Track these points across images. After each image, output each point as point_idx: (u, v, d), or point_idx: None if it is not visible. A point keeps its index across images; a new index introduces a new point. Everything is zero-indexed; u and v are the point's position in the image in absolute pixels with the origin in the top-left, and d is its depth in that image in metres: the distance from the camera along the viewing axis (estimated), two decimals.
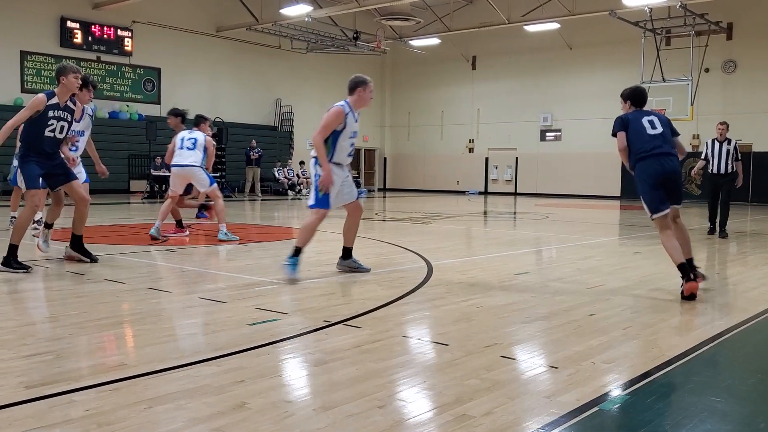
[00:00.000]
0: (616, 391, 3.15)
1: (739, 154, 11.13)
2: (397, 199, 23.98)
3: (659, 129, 5.75)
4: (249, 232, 11.03)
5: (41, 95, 6.28)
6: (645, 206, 5.89)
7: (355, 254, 6.60)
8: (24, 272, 6.06)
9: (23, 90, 20.35)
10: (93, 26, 21.63)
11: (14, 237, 6.22)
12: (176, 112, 9.63)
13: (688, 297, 5.33)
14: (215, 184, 9.32)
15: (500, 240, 10.61)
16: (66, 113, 6.37)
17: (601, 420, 2.82)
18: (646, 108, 6.12)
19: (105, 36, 21.96)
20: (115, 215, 13.75)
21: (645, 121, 5.80)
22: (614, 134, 5.91)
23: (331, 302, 5.32)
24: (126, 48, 22.46)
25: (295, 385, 3.30)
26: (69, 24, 21.13)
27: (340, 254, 6.61)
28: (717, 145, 11.15)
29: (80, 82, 6.49)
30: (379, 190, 31.83)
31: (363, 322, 4.46)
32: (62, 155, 6.65)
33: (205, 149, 9.12)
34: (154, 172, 20.11)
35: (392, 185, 32.45)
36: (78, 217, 6.80)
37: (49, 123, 6.23)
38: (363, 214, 6.70)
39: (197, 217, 11.29)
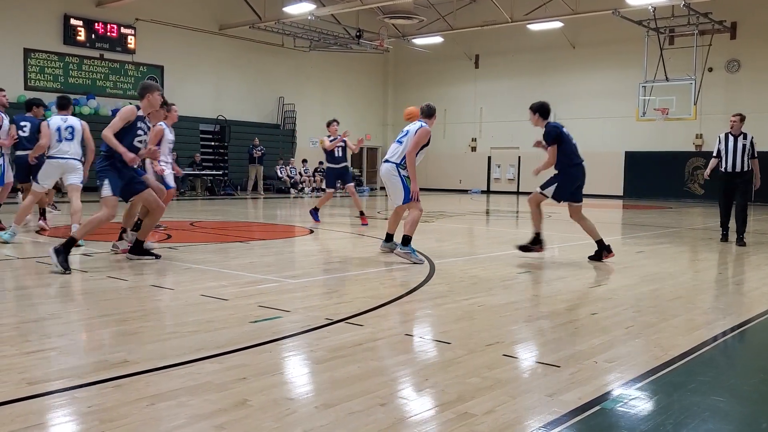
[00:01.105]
0: (618, 390, 3.15)
1: (756, 151, 9.59)
2: None
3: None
4: (251, 230, 11.04)
5: (131, 106, 6.62)
6: (555, 193, 7.42)
7: (362, 250, 6.60)
8: (66, 273, 6.00)
9: (26, 87, 20.37)
10: (96, 24, 21.64)
11: (80, 232, 6.38)
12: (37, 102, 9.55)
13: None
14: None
15: (502, 239, 10.60)
16: (147, 127, 6.73)
17: (603, 419, 2.81)
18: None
19: (108, 34, 21.96)
20: (117, 213, 13.75)
21: (568, 134, 7.82)
22: (553, 143, 7.41)
23: (333, 300, 5.32)
24: (129, 46, 22.47)
25: (297, 382, 3.31)
26: (72, 21, 21.14)
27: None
28: (731, 139, 9.51)
29: (162, 100, 7.01)
30: (381, 188, 31.82)
31: (365, 320, 4.46)
32: (153, 168, 7.13)
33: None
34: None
35: None
36: (149, 223, 6.90)
37: (138, 133, 6.55)
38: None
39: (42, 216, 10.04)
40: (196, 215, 13.17)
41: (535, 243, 7.67)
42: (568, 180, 7.52)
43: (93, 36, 21.64)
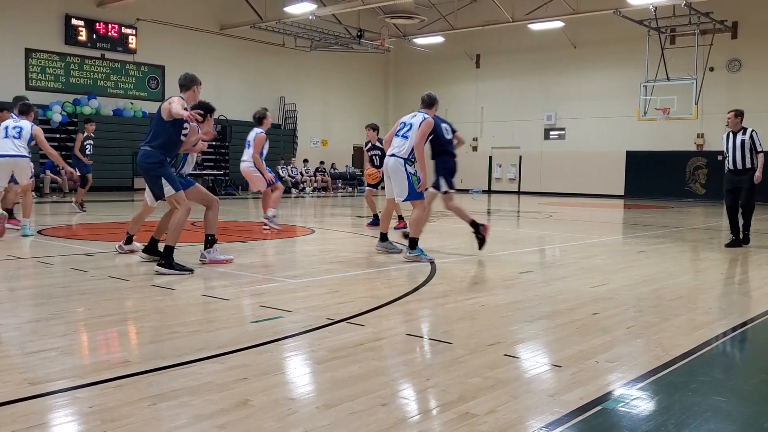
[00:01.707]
0: (619, 390, 3.15)
1: (759, 145, 9.12)
2: None
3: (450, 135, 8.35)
4: (253, 230, 11.04)
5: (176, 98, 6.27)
6: (444, 183, 8.13)
7: (363, 250, 6.60)
8: (189, 273, 6.00)
9: (27, 87, 20.38)
10: (97, 24, 21.65)
11: (171, 239, 6.18)
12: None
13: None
14: (34, 178, 9.10)
15: (504, 238, 10.60)
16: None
17: (605, 419, 2.81)
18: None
19: (109, 34, 21.98)
20: (119, 212, 13.77)
21: (443, 126, 8.23)
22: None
23: (335, 300, 5.32)
24: (130, 46, 22.48)
25: (298, 382, 3.31)
26: (73, 22, 21.15)
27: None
28: (731, 137, 9.22)
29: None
30: (382, 188, 31.80)
31: (366, 320, 4.46)
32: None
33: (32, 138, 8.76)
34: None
35: None
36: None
37: (185, 126, 6.35)
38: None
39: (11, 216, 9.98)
40: (196, 215, 13.18)
41: (477, 227, 8.15)
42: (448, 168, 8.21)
43: (94, 36, 21.65)
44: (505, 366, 3.49)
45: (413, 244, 7.23)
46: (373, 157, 11.03)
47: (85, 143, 13.41)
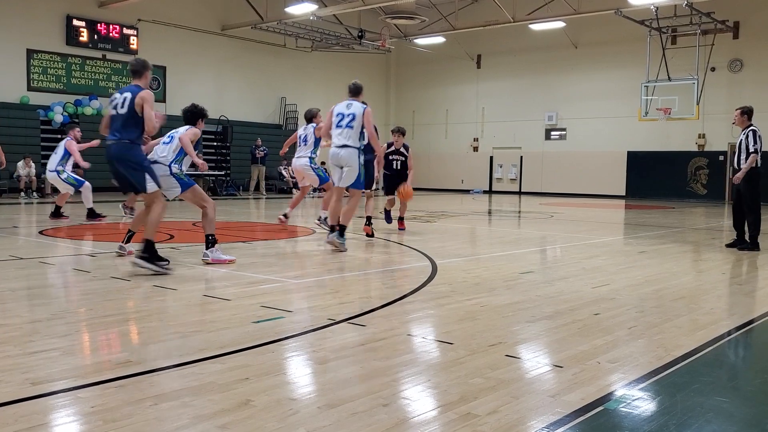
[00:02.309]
0: (621, 391, 3.14)
1: (756, 144, 8.78)
2: None
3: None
4: (254, 230, 11.05)
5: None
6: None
7: (364, 250, 6.59)
8: (167, 271, 6.04)
9: (29, 88, 20.40)
10: (99, 24, 21.66)
11: (149, 233, 6.23)
12: None
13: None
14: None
15: (505, 239, 10.59)
16: None
17: (606, 419, 2.81)
18: None
19: (111, 34, 21.99)
20: (119, 213, 13.77)
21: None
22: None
23: (336, 300, 5.32)
24: (131, 46, 22.49)
25: (299, 382, 3.31)
26: (75, 22, 21.17)
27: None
28: (740, 136, 9.05)
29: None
30: (383, 188, 31.80)
31: (367, 320, 4.46)
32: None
33: None
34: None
35: None
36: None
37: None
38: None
39: None
40: (197, 215, 13.17)
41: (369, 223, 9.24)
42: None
43: (95, 36, 21.66)
44: (506, 366, 3.49)
45: (343, 231, 7.64)
46: (394, 161, 10.60)
47: None
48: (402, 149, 10.67)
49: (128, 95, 6.25)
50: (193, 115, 6.98)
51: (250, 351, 3.66)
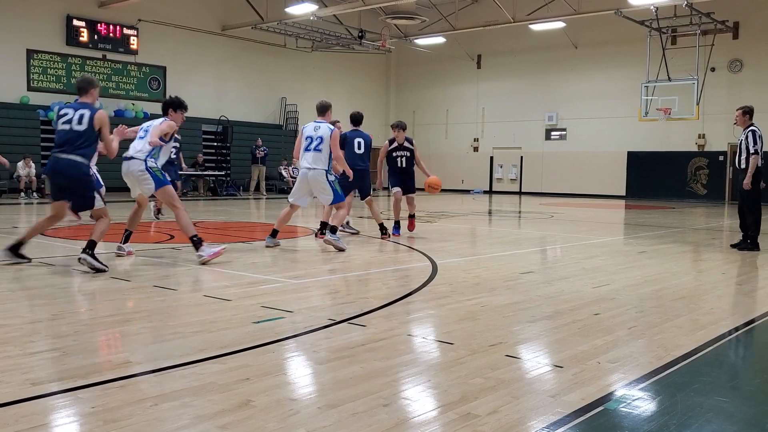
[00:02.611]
0: (621, 391, 3.15)
1: (757, 145, 8.71)
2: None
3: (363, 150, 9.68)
4: (254, 231, 11.05)
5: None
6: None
7: (364, 250, 6.58)
8: (103, 271, 6.05)
9: (29, 88, 20.40)
10: (99, 24, 21.66)
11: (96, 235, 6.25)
12: None
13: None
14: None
15: (505, 239, 10.59)
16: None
17: (606, 419, 2.81)
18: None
19: (111, 34, 21.99)
20: (120, 213, 13.78)
21: (355, 141, 9.63)
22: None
23: (336, 301, 5.32)
24: (132, 46, 22.49)
25: (300, 383, 3.31)
26: (75, 22, 21.17)
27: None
28: (741, 136, 8.98)
29: None
30: (383, 189, 31.82)
31: (368, 320, 4.46)
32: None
33: None
34: None
35: None
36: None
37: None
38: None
39: None
40: (198, 216, 13.18)
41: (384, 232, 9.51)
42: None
43: (96, 37, 21.66)
44: (506, 366, 3.49)
45: (334, 230, 8.12)
46: (399, 159, 10.20)
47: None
48: (406, 143, 10.18)
49: (86, 112, 6.30)
50: (165, 105, 7.05)
51: (250, 351, 3.66)
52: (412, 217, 10.56)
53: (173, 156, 13.12)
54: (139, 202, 7.38)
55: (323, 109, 8.33)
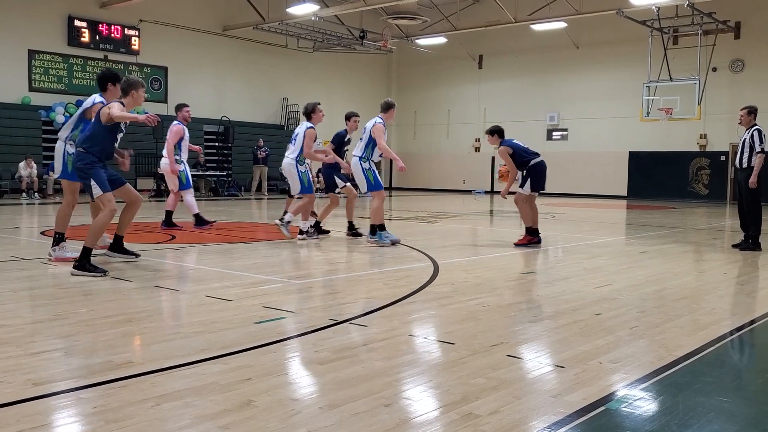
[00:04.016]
0: (622, 391, 3.14)
1: (763, 144, 8.77)
2: (403, 198, 23.98)
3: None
4: (255, 231, 11.06)
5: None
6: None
7: (365, 251, 6.59)
8: (102, 276, 5.89)
9: (31, 89, 20.43)
10: (100, 25, 21.68)
11: (89, 240, 6.07)
12: None
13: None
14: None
15: (506, 239, 10.59)
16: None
17: (608, 419, 2.81)
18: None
19: (112, 35, 22.01)
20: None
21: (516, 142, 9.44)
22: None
23: (338, 301, 5.33)
24: (133, 47, 22.51)
25: (301, 383, 3.31)
26: (76, 23, 21.19)
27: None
28: (744, 134, 9.03)
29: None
30: (385, 189, 31.82)
31: (369, 320, 4.46)
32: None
33: None
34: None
35: (398, 184, 32.46)
36: (127, 219, 6.82)
37: (121, 129, 6.60)
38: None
39: None
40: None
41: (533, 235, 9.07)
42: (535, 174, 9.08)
43: (97, 37, 21.68)
44: (508, 366, 3.49)
45: (376, 229, 8.70)
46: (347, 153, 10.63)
47: None
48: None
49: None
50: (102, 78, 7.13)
51: (251, 351, 3.66)
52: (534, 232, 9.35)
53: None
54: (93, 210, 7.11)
55: (305, 111, 9.17)
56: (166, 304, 4.99)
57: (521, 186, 9.11)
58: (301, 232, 9.12)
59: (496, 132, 9.53)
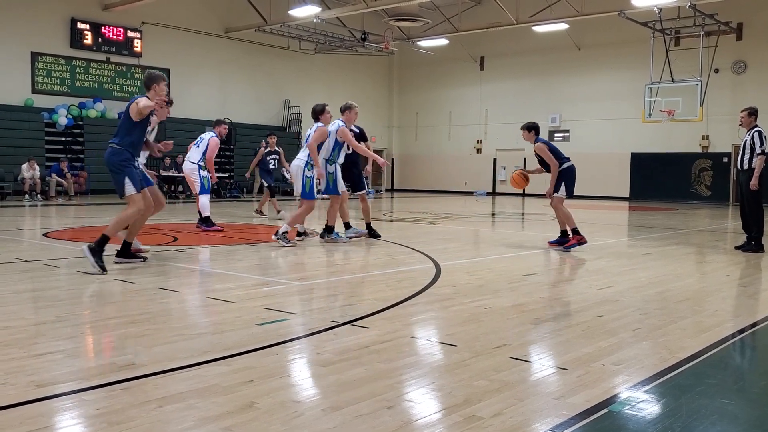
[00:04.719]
0: (625, 393, 3.14)
1: (764, 145, 8.73)
2: (404, 199, 23.98)
3: None
4: (257, 232, 11.06)
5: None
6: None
7: (367, 252, 6.58)
8: (100, 272, 6.05)
9: (34, 91, 20.48)
10: (103, 27, 21.74)
11: (111, 229, 6.32)
12: None
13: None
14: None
15: (508, 241, 10.58)
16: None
17: (611, 422, 2.81)
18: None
19: (115, 37, 22.06)
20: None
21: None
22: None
23: (340, 302, 5.32)
24: (135, 49, 22.56)
25: (303, 385, 3.31)
26: (79, 25, 21.24)
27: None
28: (745, 136, 9.02)
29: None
30: (386, 190, 31.83)
31: (371, 322, 4.46)
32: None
33: None
34: (163, 173, 20.18)
35: (400, 186, 32.47)
36: (138, 224, 6.89)
37: (149, 122, 6.84)
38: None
39: None
40: (227, 219, 13.18)
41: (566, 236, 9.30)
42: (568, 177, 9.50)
43: (100, 39, 21.74)
44: (510, 369, 3.48)
45: (330, 230, 9.07)
46: (271, 161, 12.40)
47: (268, 158, 14.19)
48: (277, 148, 11.41)
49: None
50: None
51: (254, 353, 3.66)
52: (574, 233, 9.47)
53: (272, 167, 14.36)
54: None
55: (313, 113, 9.11)
56: (168, 306, 5.00)
57: (556, 190, 9.45)
58: (299, 234, 9.24)
59: (533, 128, 9.55)
